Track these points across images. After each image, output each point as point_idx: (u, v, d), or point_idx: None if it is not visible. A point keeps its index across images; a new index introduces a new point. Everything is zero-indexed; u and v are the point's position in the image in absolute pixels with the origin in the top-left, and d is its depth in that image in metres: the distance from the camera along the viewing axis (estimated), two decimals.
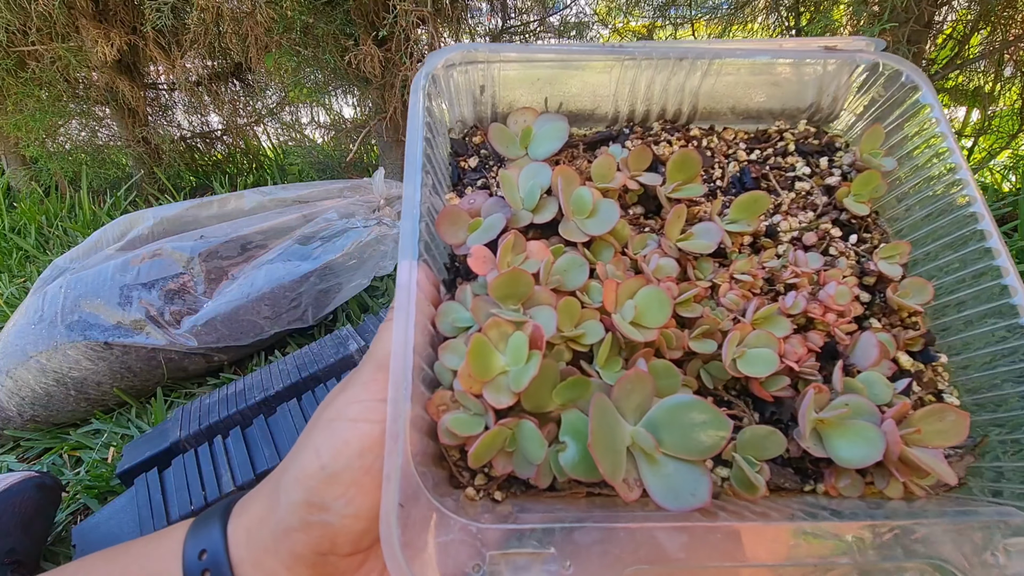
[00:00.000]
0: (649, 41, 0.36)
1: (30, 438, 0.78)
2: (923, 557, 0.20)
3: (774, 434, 0.24)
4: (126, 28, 1.34)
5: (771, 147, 0.34)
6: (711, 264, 0.30)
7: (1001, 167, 1.29)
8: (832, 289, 0.27)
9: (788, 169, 0.33)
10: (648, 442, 0.22)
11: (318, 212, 0.94)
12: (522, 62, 0.33)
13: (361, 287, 0.92)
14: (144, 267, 0.82)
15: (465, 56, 0.32)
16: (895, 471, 0.23)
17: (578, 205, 0.28)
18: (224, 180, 1.71)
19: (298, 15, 1.01)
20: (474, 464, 0.23)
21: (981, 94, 1.09)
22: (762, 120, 0.36)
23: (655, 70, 0.33)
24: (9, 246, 1.41)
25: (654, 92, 0.34)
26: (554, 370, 0.24)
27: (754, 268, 0.29)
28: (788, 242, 0.31)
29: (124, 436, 0.76)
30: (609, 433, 0.21)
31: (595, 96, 0.35)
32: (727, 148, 0.35)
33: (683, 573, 0.19)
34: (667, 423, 0.22)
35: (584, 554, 0.19)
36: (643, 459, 0.22)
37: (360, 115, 1.44)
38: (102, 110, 1.67)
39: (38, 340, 0.76)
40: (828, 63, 0.32)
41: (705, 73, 0.33)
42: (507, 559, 0.19)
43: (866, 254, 0.30)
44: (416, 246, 0.26)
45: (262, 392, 0.68)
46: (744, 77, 0.33)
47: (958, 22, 1.04)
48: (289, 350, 0.90)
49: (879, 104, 0.32)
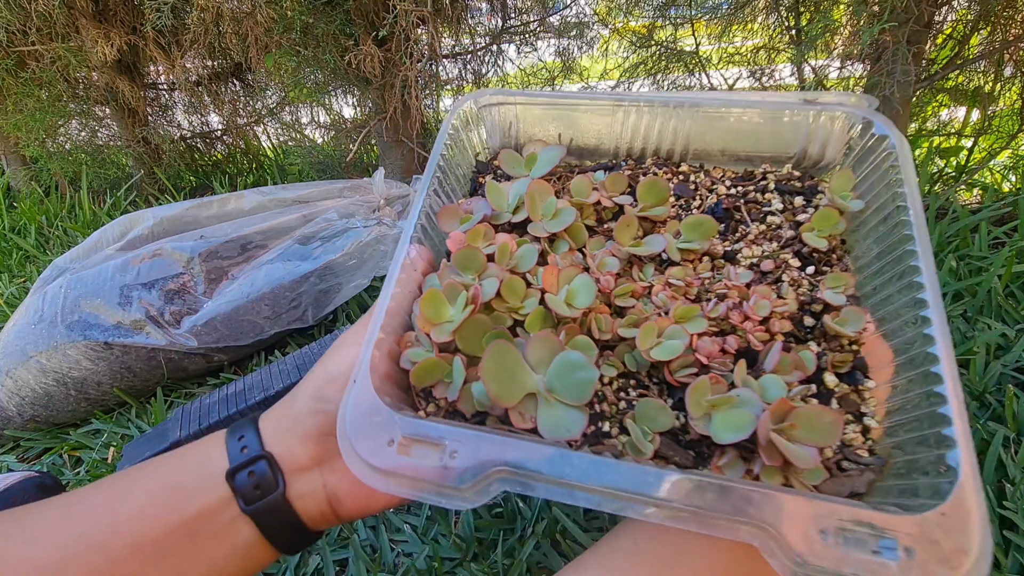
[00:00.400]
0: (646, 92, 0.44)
1: (30, 438, 0.78)
2: (752, 519, 0.23)
3: (664, 409, 0.29)
4: (126, 28, 1.34)
5: (752, 185, 0.38)
6: (652, 269, 0.35)
7: (1001, 167, 1.29)
8: (753, 301, 0.30)
9: (764, 204, 0.37)
10: (542, 388, 0.28)
11: (318, 212, 0.94)
12: (542, 104, 0.41)
13: (361, 287, 0.92)
14: (144, 267, 0.82)
15: (500, 98, 0.41)
16: (764, 456, 0.26)
17: (544, 209, 0.36)
18: (224, 180, 1.71)
19: (298, 15, 1.01)
20: (415, 383, 0.31)
21: (981, 94, 1.09)
22: (752, 163, 0.40)
23: (651, 115, 0.39)
24: (9, 246, 1.41)
25: (651, 133, 0.40)
26: (487, 324, 0.31)
27: (688, 277, 0.33)
28: (747, 267, 0.34)
29: (124, 436, 0.76)
30: (505, 370, 0.28)
31: (600, 134, 0.42)
32: (711, 183, 0.39)
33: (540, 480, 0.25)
34: (559, 375, 0.28)
35: (470, 450, 0.26)
36: (541, 401, 0.28)
37: (360, 115, 1.44)
38: (102, 110, 1.67)
39: (38, 340, 0.76)
40: (819, 115, 0.37)
41: (695, 119, 0.39)
42: (413, 442, 0.26)
43: (817, 284, 0.32)
44: (412, 231, 0.34)
45: (262, 392, 0.68)
46: (731, 124, 0.38)
47: (958, 22, 1.04)
48: (289, 350, 0.90)
49: (855, 151, 0.36)
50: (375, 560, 0.55)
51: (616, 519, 0.55)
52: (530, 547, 0.53)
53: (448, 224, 0.36)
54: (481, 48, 1.33)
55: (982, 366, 0.66)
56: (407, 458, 0.26)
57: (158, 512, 0.28)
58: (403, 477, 0.26)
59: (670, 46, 1.21)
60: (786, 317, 0.31)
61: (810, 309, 0.32)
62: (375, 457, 0.26)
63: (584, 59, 1.42)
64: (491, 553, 0.54)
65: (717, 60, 1.24)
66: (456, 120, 0.39)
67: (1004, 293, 0.79)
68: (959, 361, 0.69)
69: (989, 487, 0.53)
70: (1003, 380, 0.66)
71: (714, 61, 1.23)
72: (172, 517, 0.28)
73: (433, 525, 0.58)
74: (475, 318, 0.31)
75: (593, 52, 1.40)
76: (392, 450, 0.26)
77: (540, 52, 1.36)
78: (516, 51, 1.35)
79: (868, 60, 1.01)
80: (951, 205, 1.00)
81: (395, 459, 0.26)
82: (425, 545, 0.55)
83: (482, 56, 1.34)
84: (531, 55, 1.37)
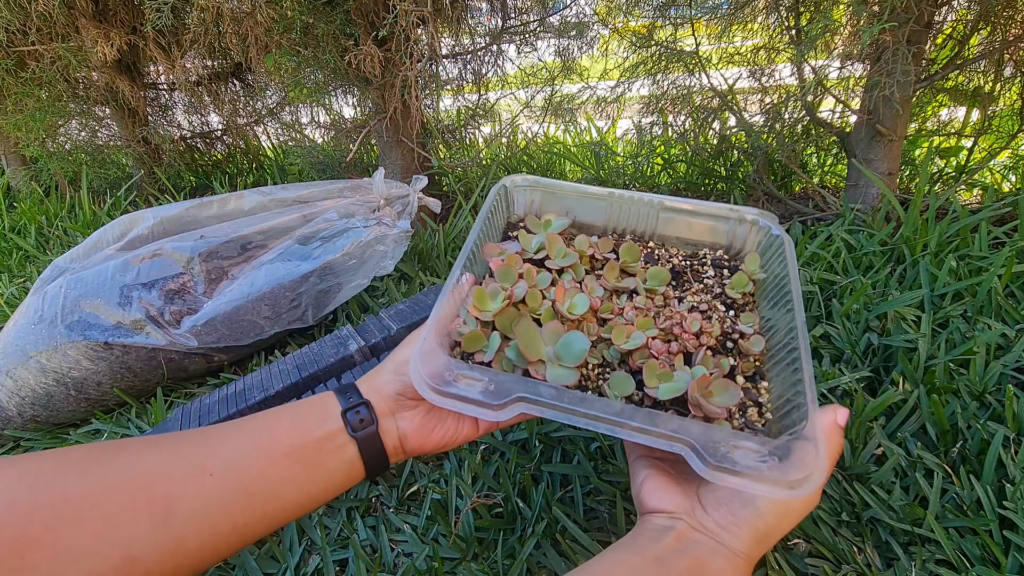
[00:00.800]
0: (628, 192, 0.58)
1: (30, 438, 0.78)
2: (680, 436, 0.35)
3: (628, 379, 0.42)
4: (126, 28, 1.34)
5: (696, 260, 0.57)
6: (626, 298, 0.52)
7: (1001, 167, 1.29)
8: (687, 322, 0.47)
9: (703, 272, 0.55)
10: (551, 355, 0.42)
11: (318, 212, 0.94)
12: (556, 192, 0.59)
13: (361, 287, 0.92)
14: (144, 267, 0.82)
15: (529, 183, 0.60)
16: (692, 410, 0.40)
17: (557, 252, 0.53)
18: (224, 180, 1.71)
19: (298, 15, 1.01)
20: (465, 347, 0.44)
21: (981, 94, 1.09)
22: (697, 247, 0.59)
23: (631, 207, 0.58)
24: (9, 246, 1.41)
25: (630, 219, 0.59)
26: (516, 314, 0.46)
27: (649, 304, 0.50)
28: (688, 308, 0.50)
29: (124, 436, 0.76)
30: (529, 338, 0.42)
31: (595, 215, 0.60)
32: (668, 256, 0.57)
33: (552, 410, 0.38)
34: (563, 346, 0.42)
35: (502, 384, 0.39)
36: (549, 364, 0.42)
37: (360, 115, 1.44)
38: (102, 110, 1.67)
39: (38, 340, 0.76)
40: (741, 221, 0.56)
41: (661, 214, 0.58)
42: (463, 377, 0.39)
43: (735, 321, 0.50)
44: (463, 261, 0.48)
45: (262, 392, 0.68)
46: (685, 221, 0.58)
47: (958, 22, 1.04)
48: (289, 350, 0.90)
49: (761, 244, 0.55)
50: (375, 560, 0.55)
51: (614, 518, 0.56)
52: (530, 547, 0.53)
53: (489, 255, 0.52)
54: (481, 48, 1.33)
55: (982, 366, 0.66)
56: (458, 386, 0.38)
57: (299, 432, 0.40)
58: (455, 398, 0.38)
59: (670, 46, 1.21)
60: (713, 337, 0.47)
61: (730, 336, 0.48)
62: (438, 383, 0.38)
63: (584, 59, 1.42)
64: (491, 553, 0.54)
65: (717, 60, 1.24)
66: (499, 193, 0.57)
67: (1004, 293, 0.79)
68: (959, 361, 0.69)
69: (989, 487, 0.54)
70: (1003, 380, 0.66)
71: (714, 61, 1.23)
72: (307, 437, 0.40)
73: (433, 525, 0.58)
74: (508, 309, 0.46)
75: (593, 52, 1.40)
76: (450, 380, 0.38)
77: (540, 52, 1.36)
78: (516, 51, 1.35)
79: (868, 60, 1.01)
80: (951, 205, 1.00)
81: (451, 386, 0.38)
82: (425, 545, 0.55)
83: (482, 56, 1.34)
84: (531, 55, 1.37)
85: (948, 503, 0.55)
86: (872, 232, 0.98)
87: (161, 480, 0.35)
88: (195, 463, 0.36)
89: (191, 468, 0.36)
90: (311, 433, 0.40)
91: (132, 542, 0.33)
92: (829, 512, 0.55)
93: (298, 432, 0.40)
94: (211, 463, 0.37)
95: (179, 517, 0.34)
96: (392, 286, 0.99)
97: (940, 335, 0.72)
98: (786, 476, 0.33)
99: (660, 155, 1.52)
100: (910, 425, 0.62)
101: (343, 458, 0.41)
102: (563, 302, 0.46)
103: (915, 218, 0.93)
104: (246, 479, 0.37)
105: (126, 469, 0.35)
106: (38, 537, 0.30)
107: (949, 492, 0.55)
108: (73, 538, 0.31)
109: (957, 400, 0.63)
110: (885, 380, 0.69)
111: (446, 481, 0.62)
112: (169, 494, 0.35)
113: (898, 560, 0.51)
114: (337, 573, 0.55)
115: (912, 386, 0.65)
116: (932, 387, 0.64)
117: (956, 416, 0.61)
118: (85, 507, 0.32)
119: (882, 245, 0.95)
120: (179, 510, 0.34)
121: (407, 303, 0.82)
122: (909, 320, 0.76)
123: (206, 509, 0.35)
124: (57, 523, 0.31)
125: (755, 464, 0.34)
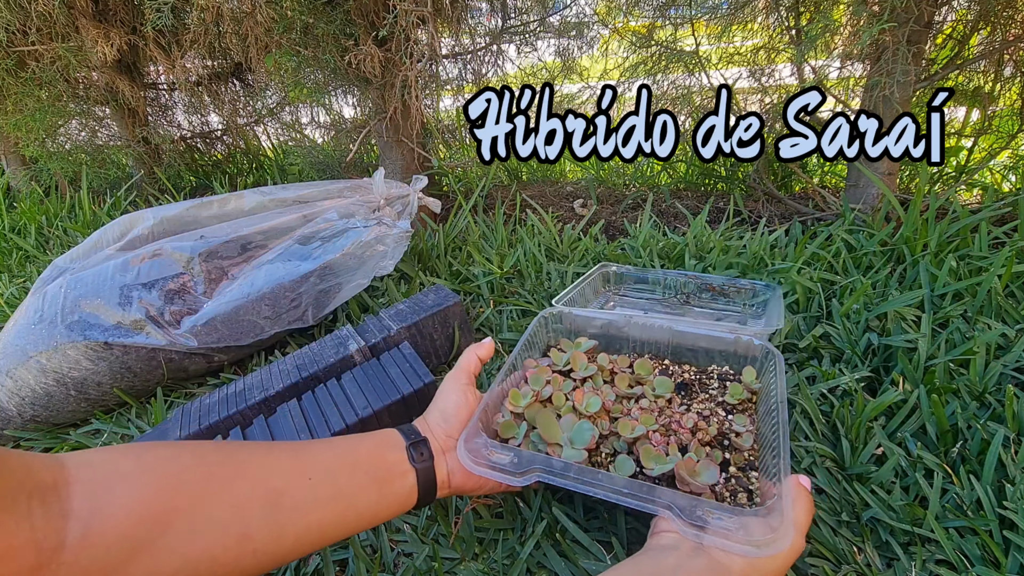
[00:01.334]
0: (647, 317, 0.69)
1: (30, 438, 0.78)
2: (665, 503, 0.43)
3: (629, 461, 0.52)
4: (126, 28, 1.34)
5: (704, 374, 0.67)
6: (634, 402, 0.61)
7: (1001, 167, 1.29)
8: (683, 420, 0.57)
9: (710, 385, 0.65)
10: (566, 439, 0.54)
11: (318, 212, 0.94)
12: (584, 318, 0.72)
13: (361, 287, 0.92)
14: (144, 267, 0.82)
15: (562, 313, 0.72)
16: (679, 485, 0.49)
17: (580, 366, 0.65)
18: (224, 180, 1.71)
19: (298, 15, 1.01)
20: (501, 432, 0.55)
21: (981, 94, 1.09)
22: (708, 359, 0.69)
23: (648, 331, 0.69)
24: (9, 246, 1.41)
25: (648, 341, 0.70)
26: (541, 408, 0.57)
27: (652, 407, 0.60)
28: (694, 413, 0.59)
29: (124, 436, 0.76)
30: (549, 425, 0.54)
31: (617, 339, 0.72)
32: (681, 371, 0.68)
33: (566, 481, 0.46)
34: (575, 433, 0.54)
35: (524, 458, 0.48)
36: (565, 446, 0.53)
37: (360, 115, 1.44)
38: (102, 110, 1.67)
39: (38, 340, 0.76)
40: (739, 340, 0.65)
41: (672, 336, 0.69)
42: (494, 452, 0.49)
43: (729, 420, 0.58)
44: (508, 367, 0.61)
45: (262, 392, 0.68)
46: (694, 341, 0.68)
47: (958, 22, 1.04)
48: (289, 350, 0.90)
49: (758, 359, 0.64)
50: (375, 560, 0.55)
51: (613, 517, 0.56)
52: (530, 547, 0.53)
53: (527, 367, 0.64)
54: (481, 48, 1.33)
55: (982, 366, 0.66)
56: (491, 458, 0.49)
57: (377, 455, 0.48)
58: (487, 466, 0.48)
59: (670, 46, 1.21)
60: (709, 435, 0.55)
61: (727, 435, 0.57)
62: (476, 456, 0.49)
63: (584, 59, 1.42)
64: (491, 553, 0.54)
65: (717, 60, 1.24)
66: (539, 322, 0.70)
67: (1004, 293, 0.79)
68: (959, 361, 0.69)
69: (989, 487, 0.54)
70: (1003, 380, 0.66)
71: (714, 61, 1.23)
72: (382, 460, 0.47)
73: (433, 525, 0.58)
74: (535, 405, 0.58)
75: (593, 52, 1.40)
76: (485, 454, 0.49)
77: (540, 52, 1.37)
78: (516, 51, 1.35)
79: (868, 60, 1.01)
80: (951, 205, 1.00)
81: (485, 458, 0.49)
82: (425, 545, 0.55)
83: (482, 56, 1.34)
84: (531, 55, 1.37)
85: (948, 503, 0.55)
86: (872, 232, 0.98)
87: (276, 475, 0.41)
88: (298, 466, 0.43)
89: (296, 470, 0.43)
90: (384, 458, 0.48)
91: (250, 522, 0.39)
92: (829, 512, 0.55)
93: (376, 455, 0.48)
94: (310, 469, 0.43)
95: (285, 508, 0.40)
96: (392, 286, 0.99)
97: (940, 335, 0.72)
98: (752, 536, 0.39)
99: None
100: (910, 425, 0.62)
101: (405, 483, 0.48)
102: (581, 402, 0.58)
103: (915, 218, 0.93)
104: (335, 487, 0.43)
105: (250, 462, 0.41)
106: (182, 507, 0.36)
107: (949, 492, 0.55)
108: (208, 511, 0.37)
109: (957, 400, 0.63)
110: (885, 380, 0.69)
111: None
112: (280, 487, 0.41)
113: (898, 560, 0.51)
114: (337, 573, 0.55)
115: (912, 386, 0.65)
116: (932, 387, 0.64)
117: (956, 416, 0.61)
118: (219, 487, 0.38)
119: (882, 245, 0.95)
120: (285, 503, 0.40)
121: (407, 303, 0.82)
122: (909, 320, 0.76)
123: (304, 505, 0.41)
124: (197, 497, 0.37)
125: (727, 526, 0.41)
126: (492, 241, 1.17)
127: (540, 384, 0.60)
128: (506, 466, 0.48)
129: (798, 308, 0.84)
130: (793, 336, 0.78)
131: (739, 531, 0.40)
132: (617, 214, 1.31)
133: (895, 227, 1.00)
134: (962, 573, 0.49)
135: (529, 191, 1.50)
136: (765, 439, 0.53)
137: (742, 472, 0.53)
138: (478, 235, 1.18)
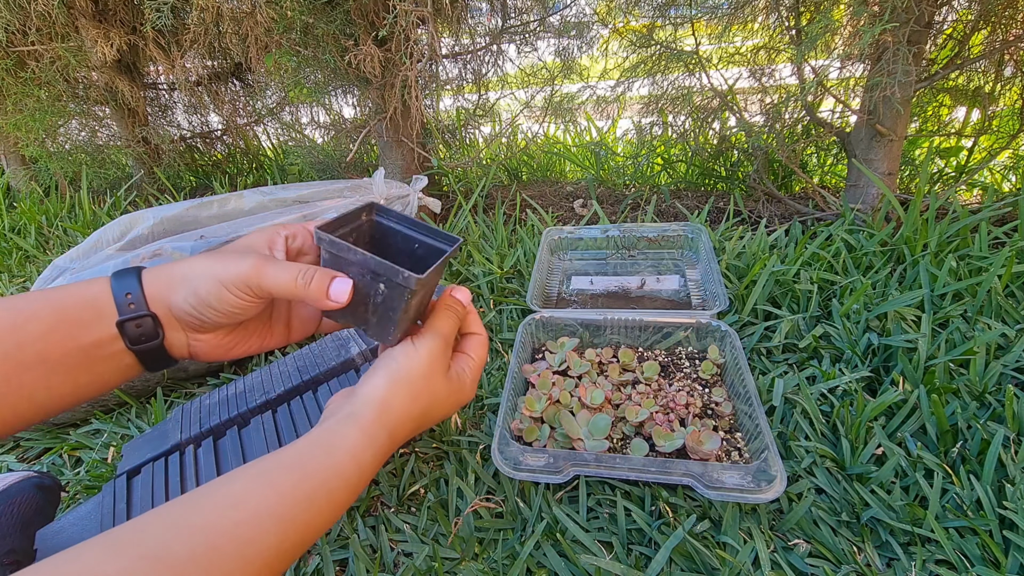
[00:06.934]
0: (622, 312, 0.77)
1: (30, 438, 0.78)
2: (682, 472, 0.52)
3: (642, 442, 0.61)
4: (126, 28, 1.34)
5: (675, 356, 0.76)
6: (630, 387, 0.70)
7: (1001, 167, 1.29)
8: (675, 396, 0.66)
9: (682, 364, 0.74)
10: (586, 432, 0.61)
11: (318, 212, 0.94)
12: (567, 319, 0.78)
13: None
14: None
15: (546, 317, 0.79)
16: (690, 454, 0.59)
17: (574, 363, 0.72)
18: (224, 180, 1.71)
19: (298, 15, 1.01)
20: (525, 437, 0.63)
21: (981, 94, 1.09)
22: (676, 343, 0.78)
23: (624, 325, 0.77)
24: (9, 246, 1.41)
25: (623, 331, 0.78)
26: (556, 410, 0.65)
27: (648, 390, 0.69)
28: (676, 390, 0.68)
29: (124, 436, 0.76)
30: (570, 423, 0.62)
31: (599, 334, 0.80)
32: (655, 356, 0.76)
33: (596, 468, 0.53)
34: (592, 426, 0.62)
35: (558, 457, 0.56)
36: (587, 439, 0.60)
37: (360, 115, 1.43)
38: (102, 110, 1.67)
39: None
40: (700, 322, 0.74)
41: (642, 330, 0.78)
42: (529, 456, 0.57)
43: (708, 393, 0.68)
44: (511, 380, 0.67)
45: (263, 393, 0.68)
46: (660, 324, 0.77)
47: (958, 22, 1.04)
48: (289, 350, 0.90)
49: (718, 339, 0.74)
50: (375, 560, 0.55)
51: (615, 518, 0.56)
52: (530, 547, 0.53)
53: (527, 373, 0.71)
54: (481, 48, 1.33)
55: (982, 366, 0.66)
56: (527, 463, 0.56)
57: (59, 338, 0.36)
58: (528, 471, 0.54)
59: (670, 46, 1.21)
60: (698, 407, 0.65)
61: (708, 406, 0.66)
62: (514, 464, 0.56)
63: (584, 59, 1.42)
64: (491, 553, 0.54)
65: (717, 60, 1.24)
66: (524, 329, 0.76)
67: (1004, 293, 0.79)
68: (959, 361, 0.69)
69: (989, 487, 0.54)
70: (1003, 380, 0.66)
71: (714, 61, 1.23)
72: (71, 343, 0.36)
73: (433, 525, 0.58)
74: (551, 406, 0.66)
75: (593, 52, 1.39)
76: (521, 460, 0.56)
77: (540, 52, 1.36)
78: (516, 51, 1.34)
79: (868, 60, 1.01)
80: (951, 205, 1.00)
81: (521, 463, 0.56)
82: (425, 545, 0.55)
83: (482, 56, 1.34)
84: (531, 55, 1.37)
85: (948, 503, 0.55)
86: (872, 232, 0.98)
87: None
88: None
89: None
90: (76, 338, 0.36)
91: None
92: (829, 512, 0.55)
93: (59, 337, 0.36)
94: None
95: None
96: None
97: (940, 335, 0.72)
98: (754, 485, 0.51)
99: (660, 155, 1.52)
100: (910, 425, 0.62)
101: (118, 364, 0.39)
102: (586, 397, 0.65)
103: (915, 218, 0.93)
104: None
105: None
106: None
107: (949, 492, 0.55)
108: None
109: (957, 400, 0.63)
110: (885, 380, 0.69)
111: (447, 482, 0.62)
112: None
113: (898, 560, 0.51)
114: (337, 573, 0.55)
115: (912, 386, 0.65)
116: (932, 387, 0.64)
117: (956, 416, 0.61)
118: None
119: (882, 245, 0.95)
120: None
121: None
122: (909, 320, 0.76)
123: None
124: None
125: (739, 483, 0.51)
126: (492, 241, 1.17)
127: (548, 387, 0.68)
128: (543, 468, 0.54)
129: (798, 308, 0.84)
130: (793, 336, 0.78)
131: (748, 483, 0.51)
132: (617, 214, 1.31)
133: (895, 227, 1.00)
134: (962, 573, 0.49)
135: (529, 191, 1.50)
136: (738, 405, 0.64)
137: (728, 434, 0.62)
138: (478, 235, 1.18)
